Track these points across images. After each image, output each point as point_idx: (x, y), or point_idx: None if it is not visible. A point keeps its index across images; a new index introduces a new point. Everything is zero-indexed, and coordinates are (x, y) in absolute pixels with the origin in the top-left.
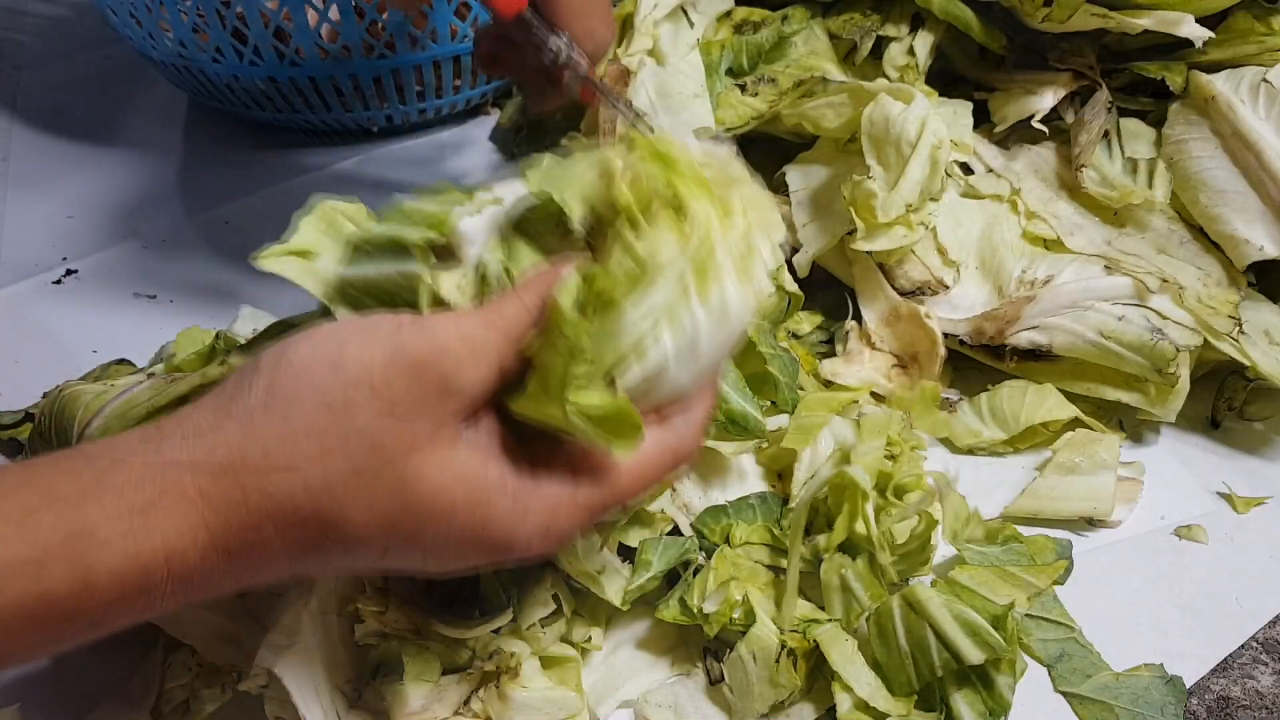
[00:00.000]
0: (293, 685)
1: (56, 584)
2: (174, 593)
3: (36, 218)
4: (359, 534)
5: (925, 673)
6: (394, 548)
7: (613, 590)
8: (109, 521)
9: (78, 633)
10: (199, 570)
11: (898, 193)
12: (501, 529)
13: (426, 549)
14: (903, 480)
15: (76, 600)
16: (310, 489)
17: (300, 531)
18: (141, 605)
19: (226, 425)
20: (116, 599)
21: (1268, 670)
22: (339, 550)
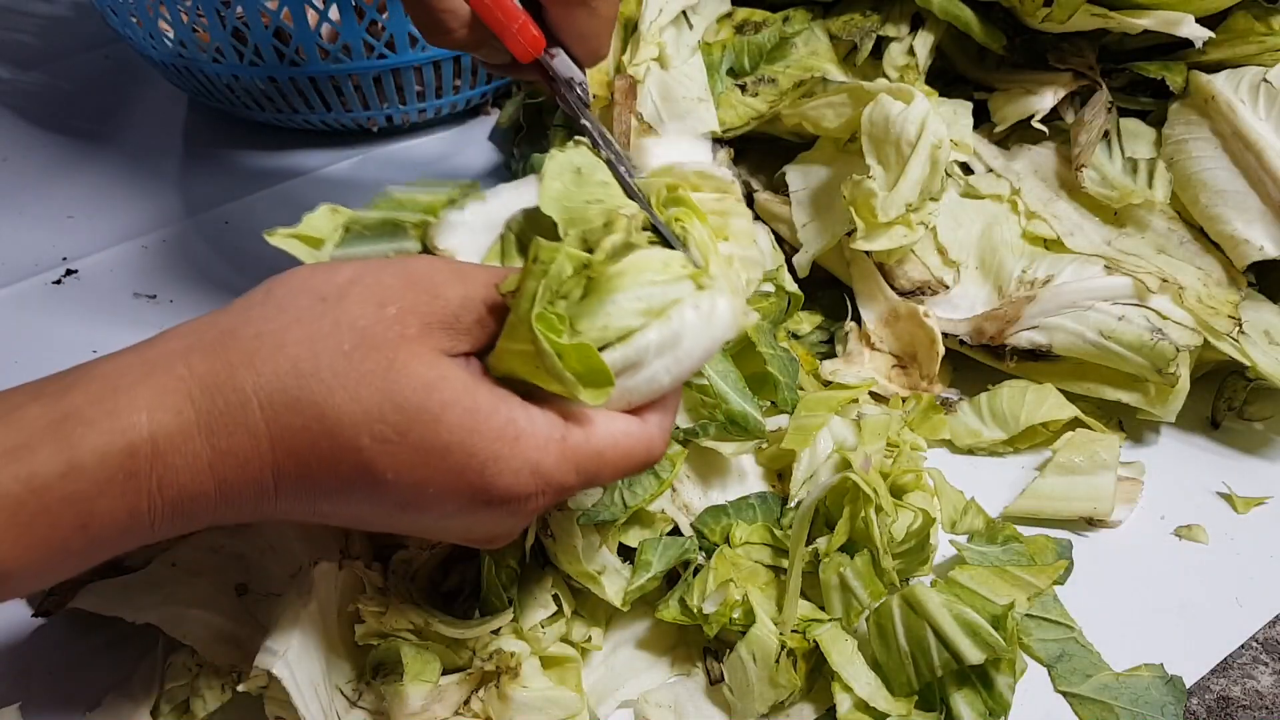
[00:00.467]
0: (292, 686)
1: (43, 466)
2: (161, 486)
3: (36, 218)
4: (345, 425)
5: (925, 673)
6: (378, 453)
7: (613, 591)
8: (93, 403)
9: (70, 534)
10: (183, 456)
11: (897, 193)
12: (490, 449)
13: (411, 460)
14: (902, 480)
15: (64, 483)
16: (299, 370)
17: (286, 418)
18: (130, 498)
19: (220, 317)
20: (104, 482)
21: (1268, 670)
22: (324, 447)
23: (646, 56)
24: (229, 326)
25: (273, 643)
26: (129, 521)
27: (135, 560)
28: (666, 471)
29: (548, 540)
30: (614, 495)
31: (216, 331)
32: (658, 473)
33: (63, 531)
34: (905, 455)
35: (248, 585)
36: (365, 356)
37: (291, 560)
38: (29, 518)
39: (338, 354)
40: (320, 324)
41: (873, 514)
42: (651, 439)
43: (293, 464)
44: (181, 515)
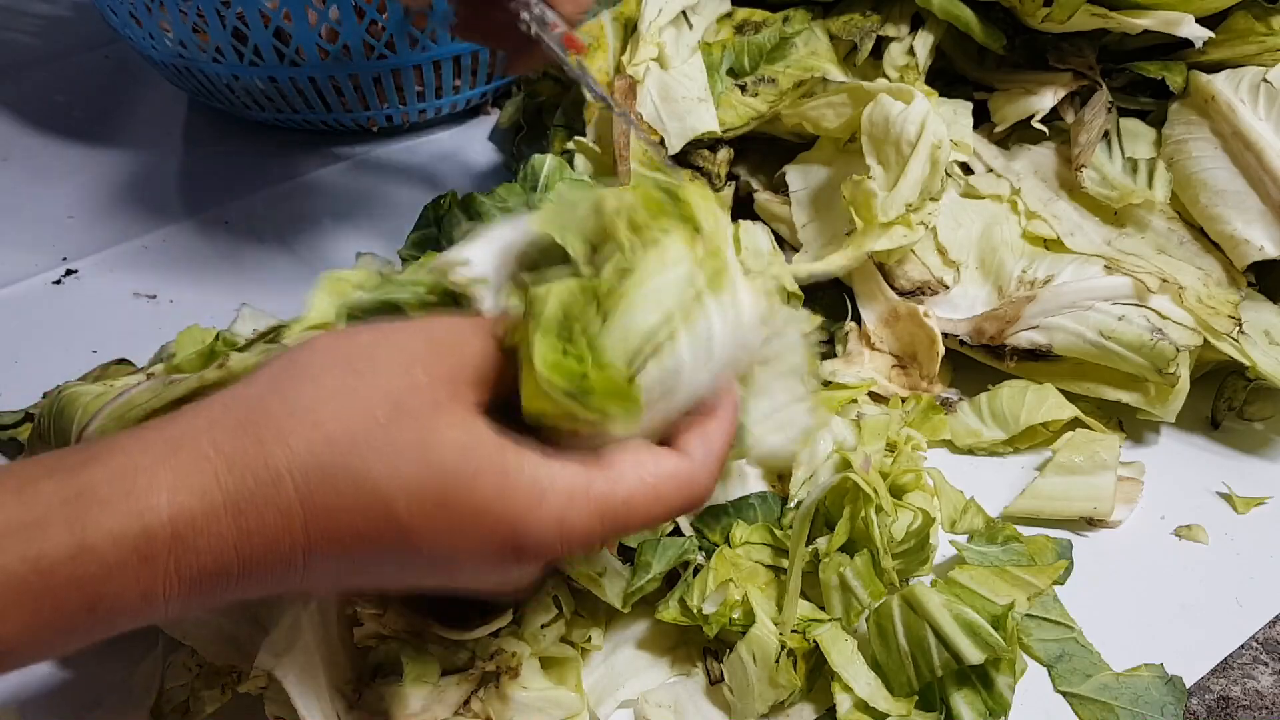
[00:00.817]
0: (292, 687)
1: (53, 547)
2: (179, 568)
3: (36, 218)
4: (383, 497)
5: (925, 673)
6: (416, 523)
7: (613, 592)
8: (112, 480)
9: (76, 615)
10: (206, 537)
11: (898, 193)
12: (520, 506)
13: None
14: (901, 480)
15: (73, 565)
16: (333, 441)
17: (320, 494)
18: (144, 581)
19: (247, 391)
20: (115, 565)
21: (1268, 670)
22: (360, 521)
23: (646, 56)
24: (259, 402)
25: (273, 644)
26: (140, 604)
27: None
28: None
29: None
30: None
31: (246, 408)
32: None
33: (68, 612)
34: (905, 455)
35: None
36: (402, 428)
37: None
38: (34, 599)
39: (374, 426)
40: (353, 396)
41: (873, 514)
42: (694, 474)
43: (325, 541)
44: (198, 595)
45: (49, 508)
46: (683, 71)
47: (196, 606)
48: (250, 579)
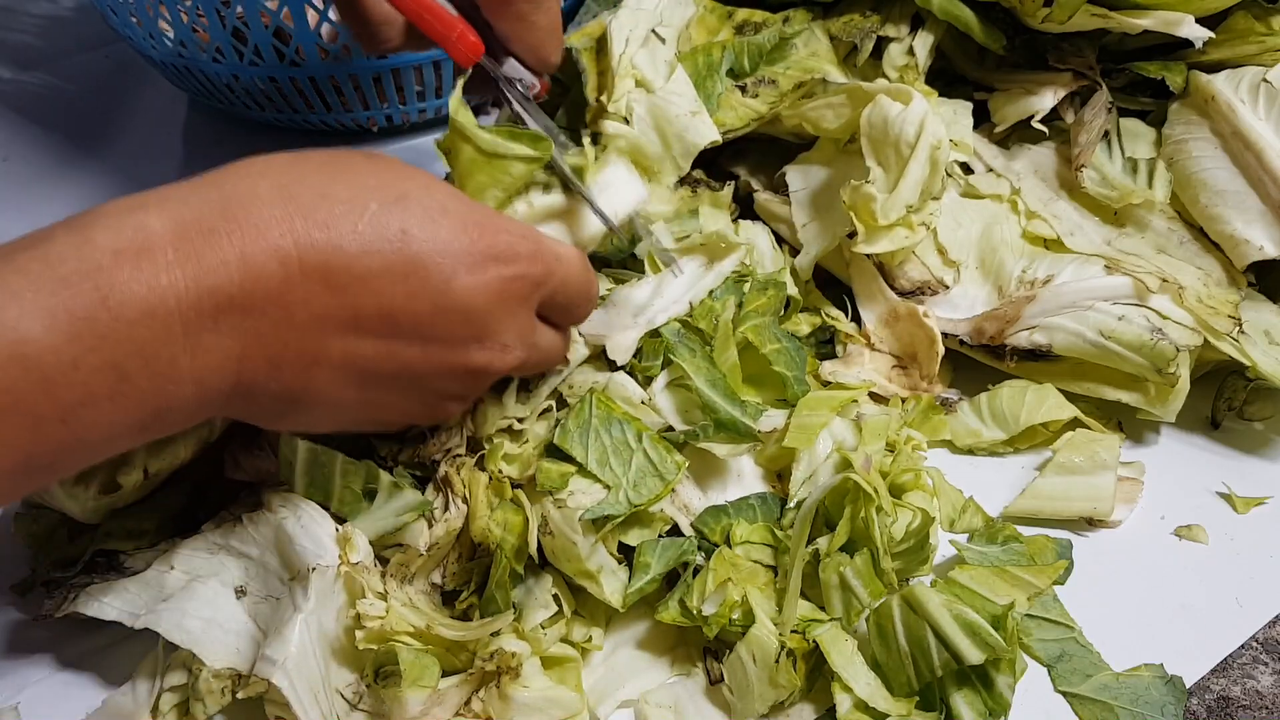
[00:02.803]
0: (292, 694)
1: (58, 245)
2: (178, 256)
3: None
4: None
5: (925, 673)
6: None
7: (611, 591)
8: (106, 209)
9: (92, 307)
10: (196, 228)
11: (898, 195)
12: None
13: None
14: (900, 479)
15: (79, 255)
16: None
17: (298, 187)
18: (148, 271)
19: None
20: (117, 252)
21: (1268, 670)
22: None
23: (624, 91)
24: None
25: (272, 650)
26: (149, 296)
27: (135, 563)
28: (671, 475)
29: (546, 539)
30: (618, 495)
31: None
32: (663, 475)
33: (83, 302)
34: (905, 455)
35: (246, 588)
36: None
37: (290, 564)
38: (48, 288)
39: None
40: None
41: (873, 514)
42: (593, 273)
43: (312, 226)
44: (205, 296)
45: (51, 230)
46: (669, 90)
47: (215, 342)
48: (253, 291)
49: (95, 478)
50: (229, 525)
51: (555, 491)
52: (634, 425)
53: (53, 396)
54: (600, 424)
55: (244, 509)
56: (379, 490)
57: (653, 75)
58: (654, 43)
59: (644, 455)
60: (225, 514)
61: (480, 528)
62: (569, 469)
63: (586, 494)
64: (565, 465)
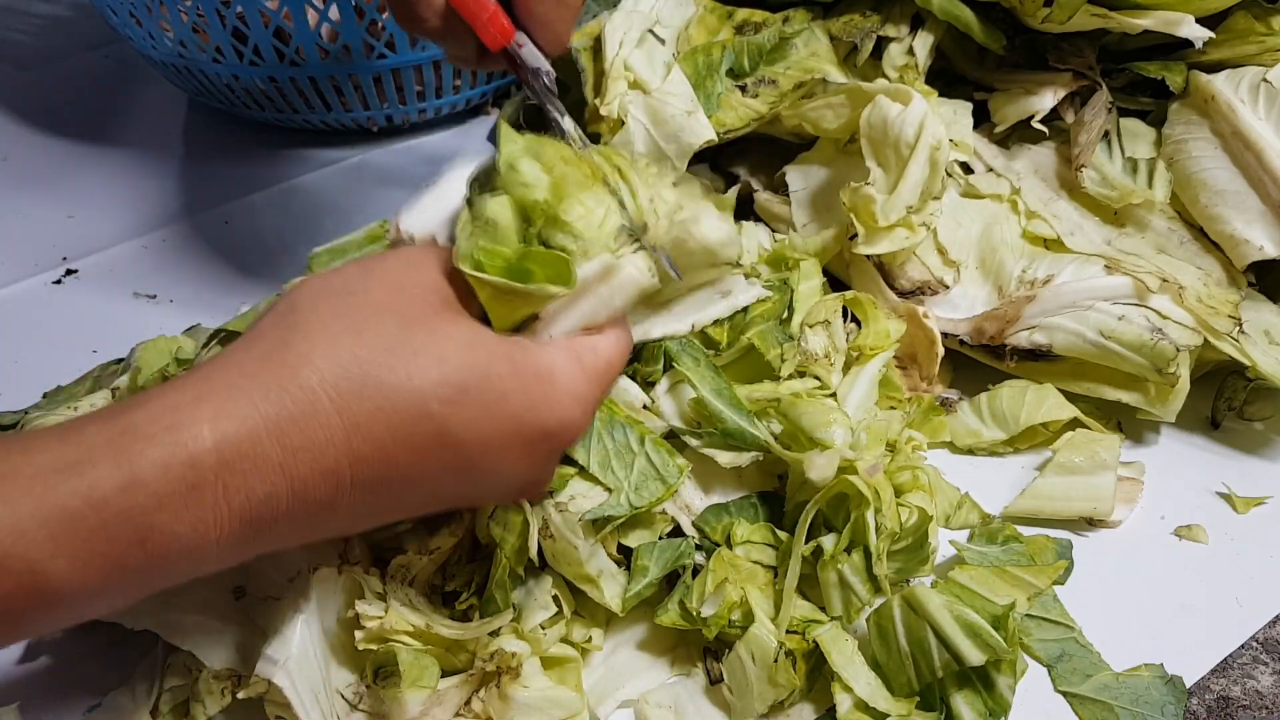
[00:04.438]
0: (293, 694)
1: (102, 480)
2: (227, 495)
3: (36, 218)
4: (412, 397)
5: (926, 673)
6: (448, 414)
7: (610, 595)
8: (153, 419)
9: (128, 550)
10: (252, 460)
11: (898, 195)
12: (539, 390)
13: (477, 414)
14: (898, 479)
15: (123, 497)
16: (357, 356)
17: (356, 404)
18: (194, 511)
19: (261, 331)
20: (164, 495)
21: (1268, 670)
22: (397, 422)
23: (617, 93)
24: (275, 337)
25: (272, 651)
26: (191, 537)
27: None
28: (674, 478)
29: (546, 542)
30: (619, 497)
31: (264, 343)
32: (665, 479)
33: (120, 548)
34: (904, 454)
35: (245, 589)
36: (413, 334)
37: (290, 565)
38: (86, 533)
39: (388, 336)
40: (359, 314)
41: (869, 516)
42: (625, 343)
43: (369, 446)
44: (250, 526)
45: (94, 446)
46: (665, 90)
47: (247, 547)
48: (300, 501)
49: None
50: None
51: (556, 494)
52: (636, 429)
53: (65, 614)
54: (603, 427)
55: None
56: None
57: (650, 76)
58: (652, 43)
59: (646, 459)
60: None
61: (482, 527)
62: (569, 471)
63: (588, 497)
64: (566, 468)
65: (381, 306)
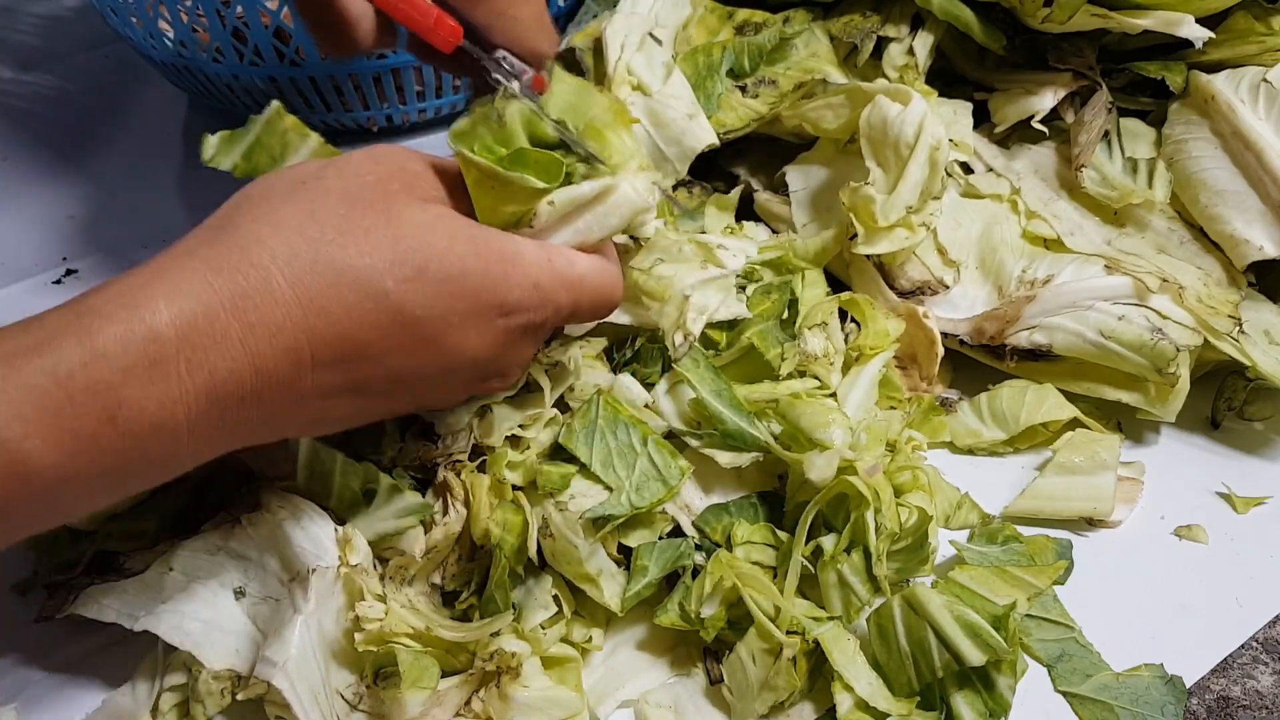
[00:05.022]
0: (292, 696)
1: (66, 357)
2: (190, 370)
3: (36, 218)
4: (367, 275)
5: (926, 674)
6: (405, 292)
7: (610, 594)
8: (109, 300)
9: (99, 427)
10: (210, 336)
11: (897, 196)
12: (498, 269)
13: (436, 291)
14: (898, 479)
15: (88, 371)
16: (306, 235)
17: (309, 280)
18: (159, 386)
19: (211, 220)
20: (128, 368)
21: (1268, 670)
22: (353, 299)
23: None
24: (224, 220)
25: (271, 652)
26: (159, 412)
27: (134, 564)
28: (675, 480)
29: (546, 541)
30: (620, 497)
31: (212, 230)
32: (666, 480)
33: (91, 423)
34: (904, 454)
35: (245, 589)
36: (363, 214)
37: (290, 566)
38: (55, 409)
39: (337, 216)
40: (309, 199)
41: (869, 517)
42: (616, 276)
43: (325, 323)
44: (217, 404)
45: (55, 329)
46: (666, 93)
47: (219, 433)
48: (262, 379)
49: None
50: (228, 526)
51: (556, 493)
52: (640, 429)
53: (50, 503)
54: (606, 426)
55: (243, 510)
56: (378, 492)
57: (650, 78)
58: (651, 45)
59: (648, 459)
60: (224, 515)
61: (480, 528)
62: (570, 470)
63: (588, 496)
64: (566, 467)
65: (335, 191)
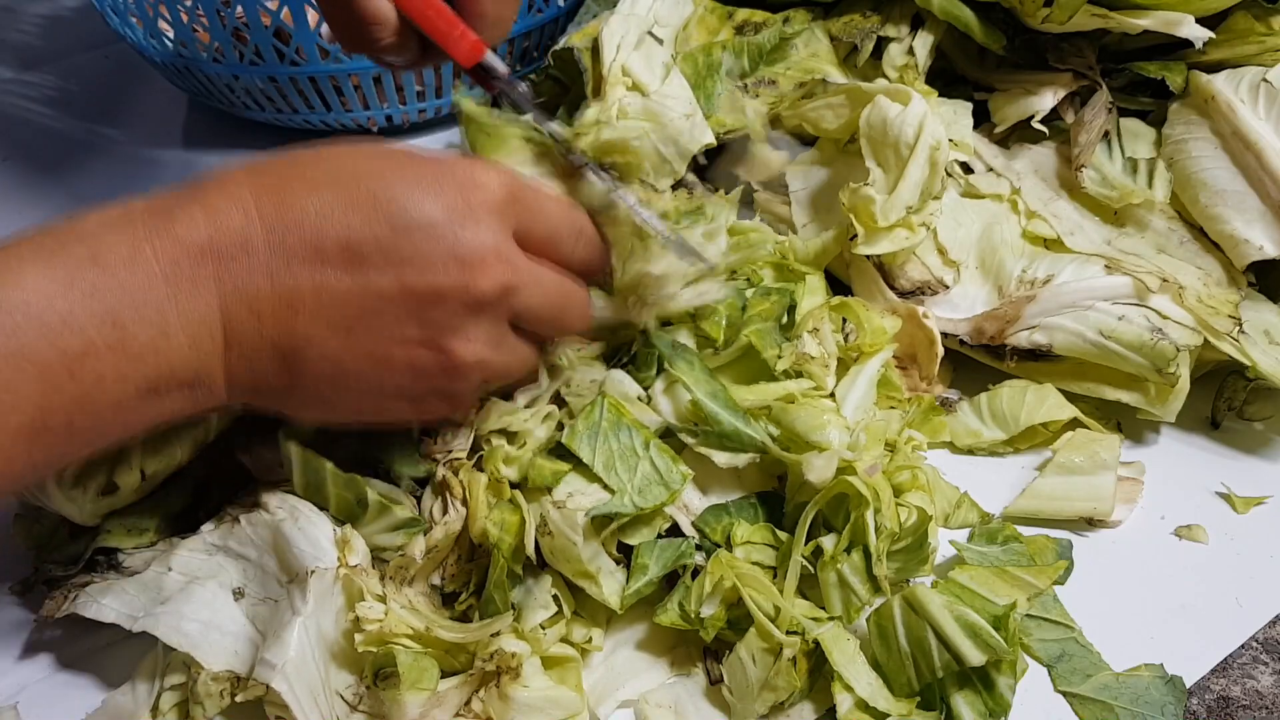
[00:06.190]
0: (291, 698)
1: (50, 222)
2: (152, 232)
3: (36, 218)
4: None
5: (926, 673)
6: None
7: (609, 592)
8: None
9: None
10: (170, 202)
11: (897, 196)
12: (464, 168)
13: (411, 174)
14: (897, 479)
15: (70, 225)
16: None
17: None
18: (127, 233)
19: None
20: (102, 224)
21: (1268, 670)
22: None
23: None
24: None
25: (270, 654)
26: (130, 252)
27: (134, 563)
28: (676, 484)
29: (544, 539)
30: (623, 499)
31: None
32: (668, 484)
33: (76, 260)
34: (904, 454)
35: (244, 590)
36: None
37: (289, 567)
38: (45, 253)
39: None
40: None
41: (869, 516)
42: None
43: (271, 199)
44: (187, 253)
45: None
46: (664, 92)
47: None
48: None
49: (93, 479)
50: (227, 527)
51: (550, 489)
52: (642, 432)
53: (56, 345)
54: (609, 428)
55: (243, 510)
56: (368, 508)
57: (649, 78)
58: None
59: (650, 463)
60: (224, 515)
61: (478, 528)
62: (563, 467)
63: (585, 495)
64: (559, 464)
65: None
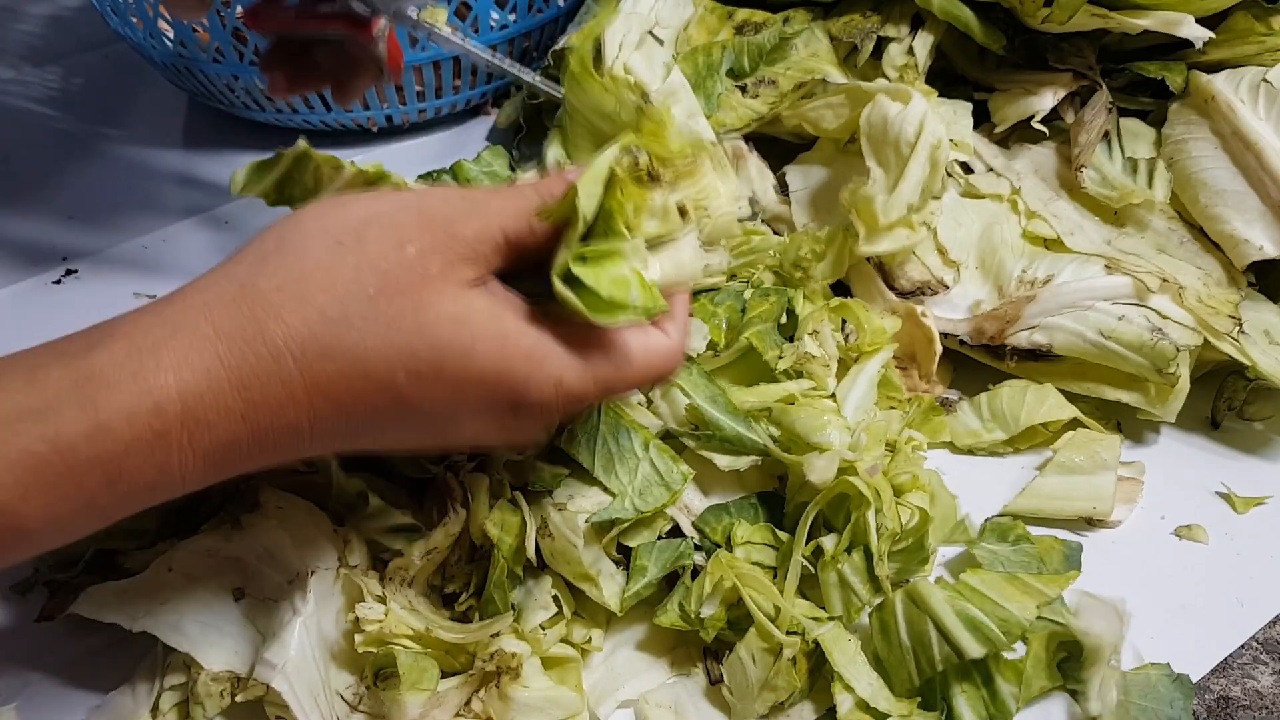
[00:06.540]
0: (291, 699)
1: (68, 427)
2: (192, 441)
3: (36, 218)
4: (379, 366)
5: (925, 667)
6: (414, 389)
7: (609, 594)
8: (117, 365)
9: (97, 491)
10: (215, 411)
11: (898, 195)
12: (522, 371)
13: (447, 392)
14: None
15: (91, 444)
16: (327, 318)
17: (320, 365)
18: (160, 455)
19: (236, 269)
20: (132, 442)
21: (1268, 670)
22: (360, 388)
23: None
24: (248, 280)
25: (270, 655)
26: (158, 477)
27: (133, 564)
28: (677, 485)
29: (545, 541)
30: (624, 502)
31: (236, 285)
32: (669, 486)
33: (90, 490)
34: (905, 456)
35: (245, 590)
36: (391, 300)
37: (289, 567)
38: (55, 478)
39: (364, 299)
40: (341, 270)
41: (870, 517)
42: (671, 348)
43: (329, 408)
44: (213, 465)
45: (60, 391)
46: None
47: (214, 477)
48: (260, 449)
49: None
50: (227, 527)
51: (549, 492)
52: (641, 434)
53: (38, 547)
54: (608, 431)
55: (243, 510)
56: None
57: (649, 78)
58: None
59: (650, 465)
60: (224, 515)
61: (479, 529)
62: (562, 471)
63: (586, 497)
64: (558, 467)
65: (369, 264)
